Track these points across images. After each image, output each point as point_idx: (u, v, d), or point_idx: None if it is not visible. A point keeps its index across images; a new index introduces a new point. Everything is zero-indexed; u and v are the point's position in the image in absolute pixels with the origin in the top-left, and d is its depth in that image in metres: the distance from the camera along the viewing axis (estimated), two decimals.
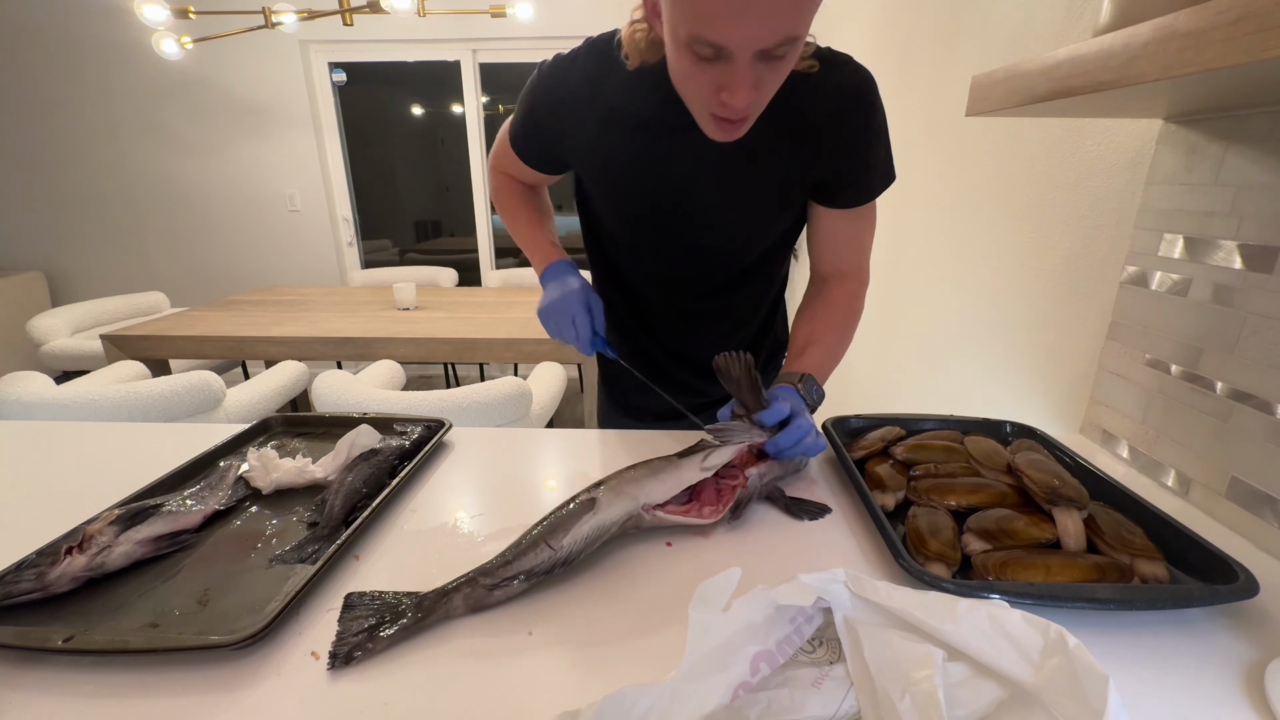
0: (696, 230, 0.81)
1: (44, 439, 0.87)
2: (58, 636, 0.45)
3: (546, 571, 0.52)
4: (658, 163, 0.76)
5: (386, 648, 0.46)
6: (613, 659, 0.46)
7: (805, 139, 0.73)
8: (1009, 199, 1.09)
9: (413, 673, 0.44)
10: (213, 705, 0.41)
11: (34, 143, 3.39)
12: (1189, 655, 0.45)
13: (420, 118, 3.82)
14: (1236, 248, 0.62)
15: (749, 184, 0.76)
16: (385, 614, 0.48)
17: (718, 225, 0.80)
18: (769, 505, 0.67)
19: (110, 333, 2.18)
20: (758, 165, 0.74)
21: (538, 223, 0.92)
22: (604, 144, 0.77)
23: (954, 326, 1.30)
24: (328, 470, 0.71)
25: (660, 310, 0.93)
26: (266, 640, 0.47)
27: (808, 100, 0.71)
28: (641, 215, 0.82)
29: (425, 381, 3.82)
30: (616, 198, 0.83)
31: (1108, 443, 0.80)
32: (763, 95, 0.61)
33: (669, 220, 0.81)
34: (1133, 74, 0.43)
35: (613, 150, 0.77)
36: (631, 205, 0.82)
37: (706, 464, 0.63)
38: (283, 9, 2.52)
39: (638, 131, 0.75)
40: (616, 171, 0.79)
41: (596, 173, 0.82)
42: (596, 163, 0.80)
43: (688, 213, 0.79)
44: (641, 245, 0.87)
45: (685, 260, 0.85)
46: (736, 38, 0.53)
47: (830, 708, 0.38)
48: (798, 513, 0.65)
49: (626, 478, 0.61)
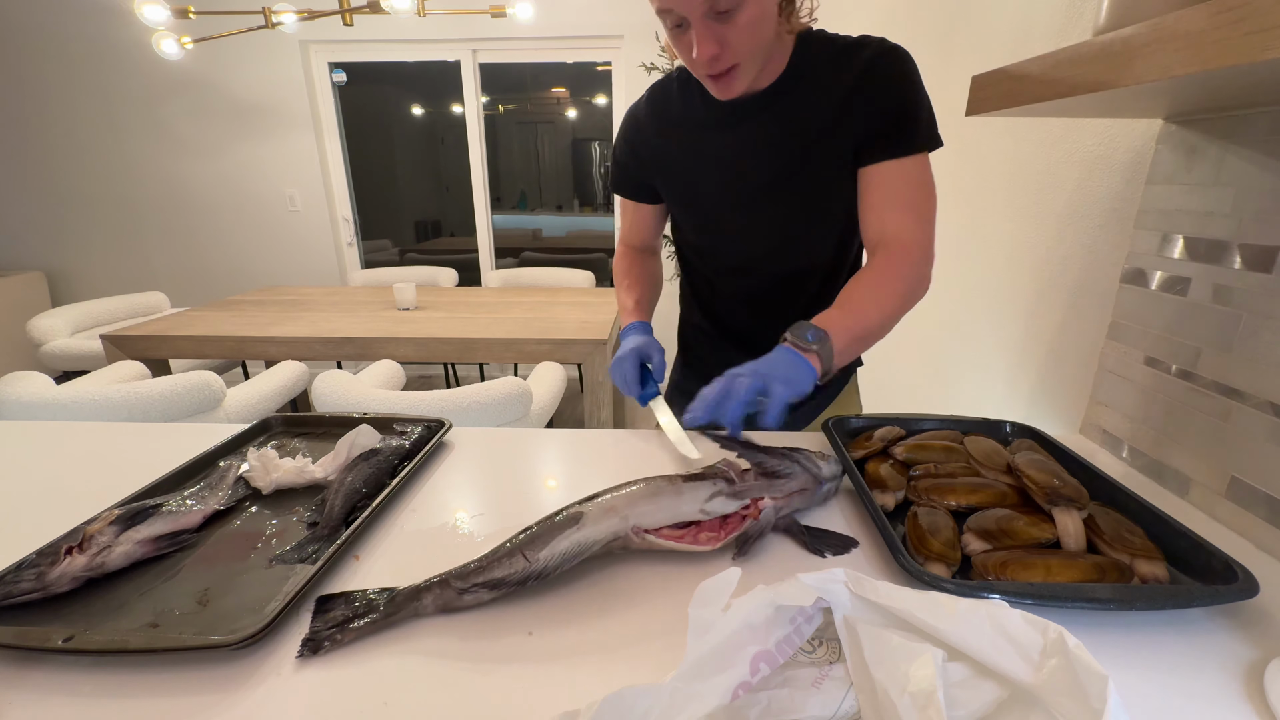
0: (755, 214, 0.85)
1: (44, 439, 0.87)
2: (57, 636, 0.45)
3: (519, 583, 0.50)
4: (711, 153, 0.84)
5: (355, 640, 0.47)
6: (613, 659, 0.46)
7: (844, 104, 0.76)
8: (1009, 199, 1.09)
9: (412, 673, 0.44)
10: (213, 705, 0.41)
11: (34, 143, 3.39)
12: (1189, 655, 0.45)
13: (420, 118, 3.82)
14: (1236, 248, 0.62)
15: (799, 161, 0.80)
16: (359, 608, 0.49)
17: (775, 206, 0.84)
18: (784, 537, 0.61)
19: (110, 333, 2.18)
20: (804, 140, 0.79)
21: (631, 288, 0.98)
22: (666, 152, 0.89)
23: (954, 326, 1.30)
24: (328, 470, 0.71)
25: (735, 304, 0.98)
26: (267, 640, 0.47)
27: (846, 71, 0.76)
28: (708, 213, 0.89)
29: (425, 381, 3.82)
30: (684, 196, 0.91)
31: (1108, 443, 0.80)
32: (734, 49, 0.69)
33: (730, 210, 0.86)
34: (1133, 74, 0.43)
35: (673, 153, 0.88)
36: (698, 201, 0.89)
37: (708, 507, 0.58)
38: (283, 9, 2.52)
39: (691, 132, 0.85)
40: (679, 171, 0.89)
41: (668, 181, 0.91)
42: (665, 170, 0.90)
43: (744, 198, 0.84)
44: (710, 245, 0.93)
45: (751, 247, 0.89)
46: (678, 4, 0.65)
47: (830, 708, 0.38)
48: (819, 548, 0.59)
49: (621, 495, 0.58)
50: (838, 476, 0.67)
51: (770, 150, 0.81)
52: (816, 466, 0.65)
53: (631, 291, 0.98)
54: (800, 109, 0.78)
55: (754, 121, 0.80)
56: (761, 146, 0.81)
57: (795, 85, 0.78)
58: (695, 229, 0.94)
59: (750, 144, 0.81)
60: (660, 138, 0.88)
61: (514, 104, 3.67)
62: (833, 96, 0.76)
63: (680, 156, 0.87)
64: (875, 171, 0.78)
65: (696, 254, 0.97)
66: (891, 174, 0.77)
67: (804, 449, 0.67)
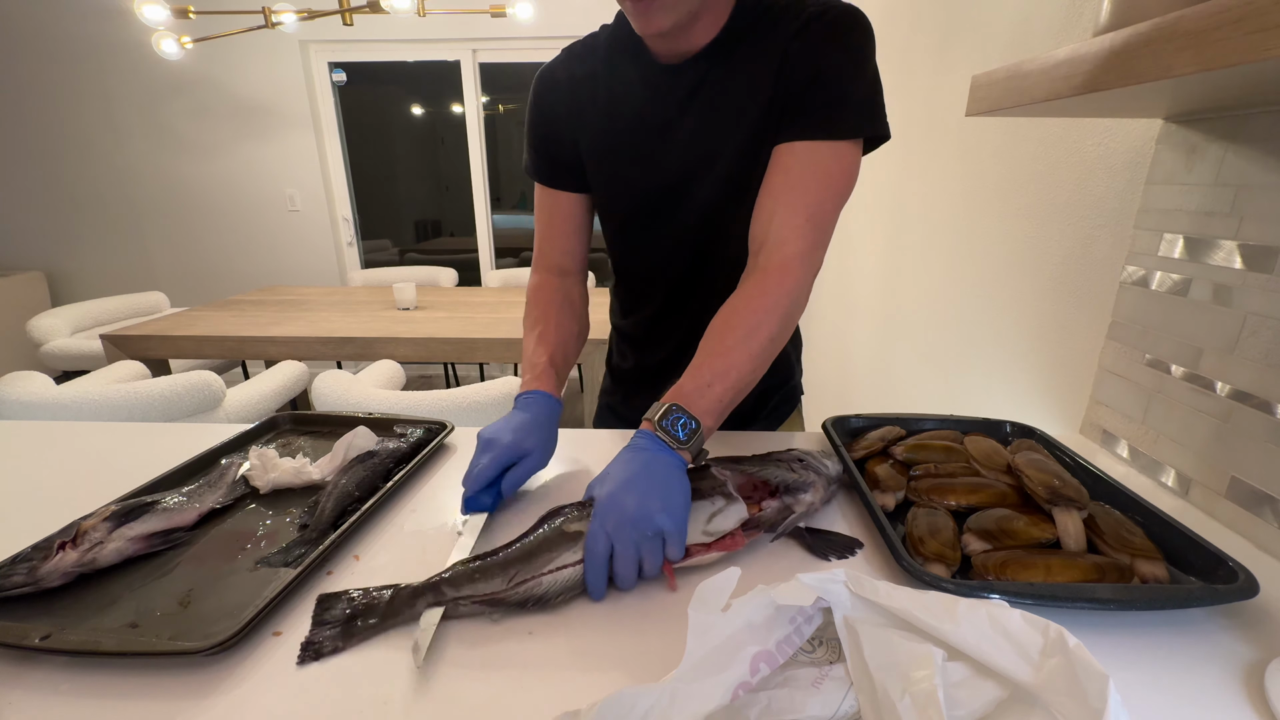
0: (675, 174, 0.75)
1: (44, 439, 0.87)
2: (35, 634, 0.45)
3: (518, 605, 0.49)
4: (629, 107, 0.75)
5: (356, 645, 0.46)
6: (613, 659, 0.46)
7: (777, 58, 0.67)
8: (1009, 199, 1.09)
9: (411, 672, 0.44)
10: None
11: (34, 143, 3.40)
12: (1189, 655, 0.45)
13: (420, 118, 3.82)
14: (1236, 248, 0.62)
15: (732, 132, 0.71)
16: (359, 608, 0.49)
17: (694, 163, 0.74)
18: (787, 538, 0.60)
19: (110, 333, 2.18)
20: (739, 110, 0.70)
21: (544, 338, 0.80)
22: (585, 120, 0.77)
23: (954, 326, 1.30)
24: (324, 472, 0.71)
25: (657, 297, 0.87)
26: (245, 644, 0.46)
27: (788, 27, 0.67)
28: (632, 185, 0.78)
29: (425, 381, 3.82)
30: (603, 165, 0.79)
31: (1108, 443, 0.80)
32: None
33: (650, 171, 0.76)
34: (1133, 74, 0.43)
35: (592, 120, 0.77)
36: (620, 173, 0.78)
37: (709, 529, 0.56)
38: (283, 9, 2.52)
39: (617, 94, 0.75)
40: (600, 133, 0.77)
41: (589, 151, 0.79)
42: (586, 141, 0.78)
43: (664, 156, 0.75)
44: (632, 228, 0.82)
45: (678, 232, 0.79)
46: None
47: (830, 708, 0.38)
48: (823, 552, 0.57)
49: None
50: (842, 476, 0.67)
51: (702, 119, 0.71)
52: (825, 468, 0.65)
53: (544, 343, 0.78)
54: (737, 73, 0.69)
55: (687, 86, 0.71)
56: (694, 114, 0.71)
57: (735, 46, 0.69)
58: (616, 208, 0.82)
59: (681, 110, 0.72)
60: (581, 96, 0.76)
61: (514, 104, 3.67)
62: (771, 59, 0.67)
63: (600, 122, 0.76)
64: (784, 152, 0.67)
65: (617, 240, 0.85)
66: (800, 159, 0.66)
67: (807, 451, 0.67)
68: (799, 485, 0.61)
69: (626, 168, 0.78)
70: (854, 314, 2.02)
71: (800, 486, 0.61)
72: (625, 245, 0.87)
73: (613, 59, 0.76)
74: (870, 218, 1.85)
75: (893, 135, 0.71)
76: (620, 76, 0.75)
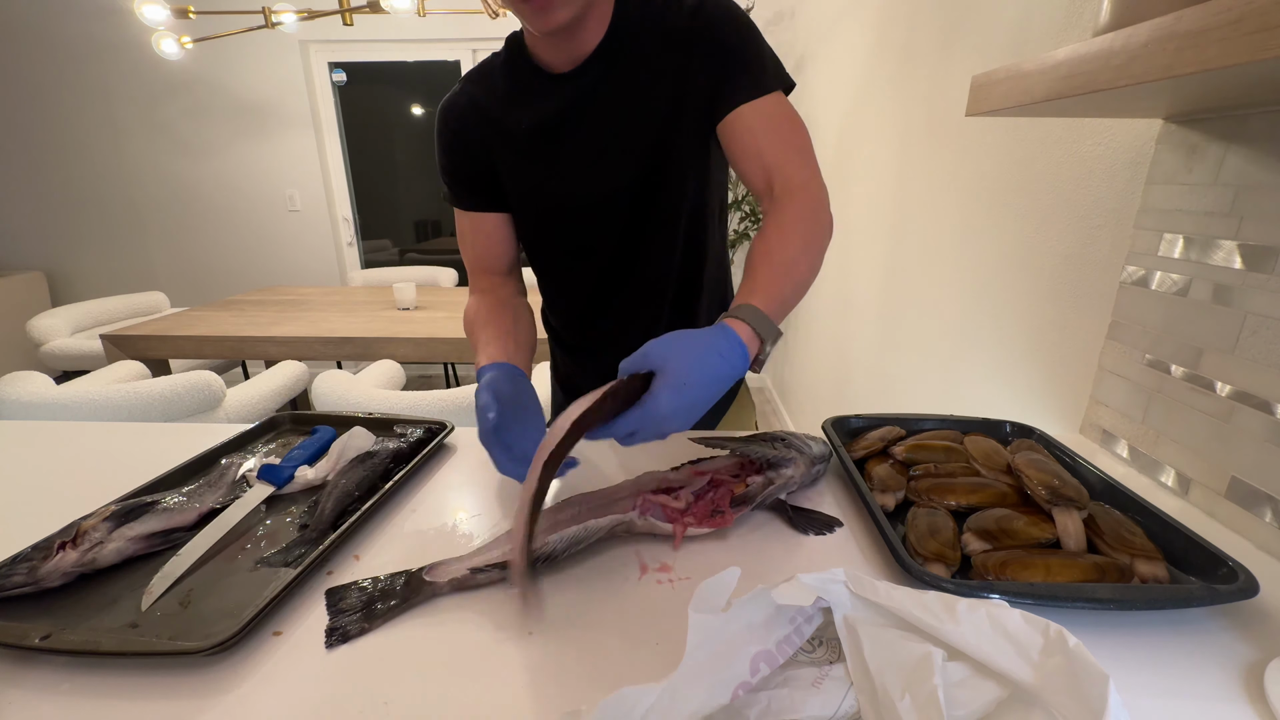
0: (589, 179, 0.78)
1: (44, 439, 0.87)
2: (35, 634, 0.45)
3: (530, 564, 0.51)
4: (533, 120, 0.77)
5: (381, 624, 0.48)
6: (613, 659, 0.46)
7: (684, 54, 0.72)
8: (1009, 199, 1.09)
9: (411, 673, 0.44)
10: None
11: (34, 143, 3.40)
12: (1189, 655, 0.45)
13: (420, 118, 3.81)
14: (1236, 248, 0.62)
15: (643, 128, 0.74)
16: (375, 594, 0.50)
17: (610, 165, 0.77)
18: (781, 533, 0.62)
19: (110, 333, 2.18)
20: (647, 104, 0.74)
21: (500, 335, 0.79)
22: (494, 140, 0.80)
23: (954, 326, 1.30)
24: (322, 473, 0.71)
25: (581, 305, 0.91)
26: (245, 644, 0.46)
27: (675, 20, 0.72)
28: (540, 187, 0.80)
29: (425, 381, 3.82)
30: (520, 179, 0.81)
31: (1108, 443, 0.80)
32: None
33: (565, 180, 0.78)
34: (1133, 74, 0.43)
35: (505, 134, 0.79)
36: (529, 178, 0.80)
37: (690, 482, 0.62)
38: (283, 9, 2.53)
39: (519, 108, 0.78)
40: (511, 155, 0.80)
41: (503, 168, 0.81)
42: (499, 159, 0.81)
43: (578, 162, 0.77)
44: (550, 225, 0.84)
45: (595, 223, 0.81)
46: None
47: (830, 708, 0.38)
48: (804, 526, 0.61)
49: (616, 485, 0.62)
50: (827, 458, 0.70)
51: (607, 119, 0.74)
52: (808, 447, 0.68)
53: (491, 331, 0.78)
54: (636, 69, 0.72)
55: (585, 88, 0.74)
56: (597, 115, 0.74)
57: (625, 43, 0.73)
58: (533, 221, 0.85)
59: (583, 114, 0.75)
60: (488, 119, 0.79)
61: None
62: (671, 48, 0.71)
63: (511, 140, 0.79)
64: (736, 118, 0.71)
65: (537, 249, 0.87)
66: (754, 117, 0.70)
67: (790, 432, 0.70)
68: (780, 461, 0.65)
69: (543, 178, 0.80)
70: (854, 314, 2.02)
71: (782, 462, 0.65)
72: (547, 253, 0.89)
73: (510, 77, 0.79)
74: (870, 218, 1.85)
75: (894, 135, 0.71)
76: (521, 91, 0.78)
